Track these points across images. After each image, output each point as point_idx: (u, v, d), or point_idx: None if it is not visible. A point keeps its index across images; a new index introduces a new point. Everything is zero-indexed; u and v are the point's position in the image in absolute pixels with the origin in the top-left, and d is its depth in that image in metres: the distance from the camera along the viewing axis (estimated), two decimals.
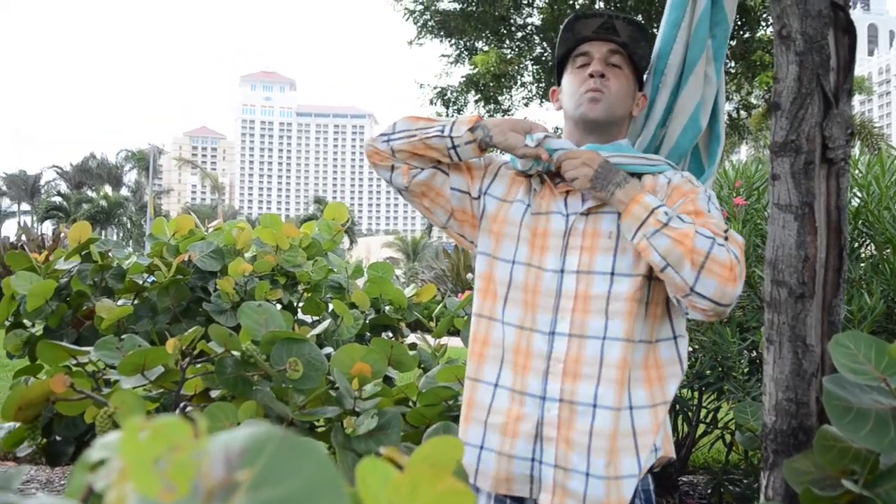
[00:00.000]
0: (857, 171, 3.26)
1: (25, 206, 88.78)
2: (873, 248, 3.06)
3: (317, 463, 0.41)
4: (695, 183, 1.66)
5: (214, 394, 2.17)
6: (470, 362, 1.69)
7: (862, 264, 3.05)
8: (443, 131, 1.66)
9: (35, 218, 68.81)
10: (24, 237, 14.31)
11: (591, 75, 1.67)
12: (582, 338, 1.56)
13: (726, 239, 1.49)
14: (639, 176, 1.66)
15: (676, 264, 1.44)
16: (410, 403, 2.41)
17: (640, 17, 15.42)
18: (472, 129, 1.65)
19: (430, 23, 16.38)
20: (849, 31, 1.62)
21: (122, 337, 2.17)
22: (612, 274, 1.57)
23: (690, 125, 1.76)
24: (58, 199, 66.86)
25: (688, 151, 1.81)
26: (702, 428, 3.83)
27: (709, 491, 3.53)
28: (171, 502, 0.38)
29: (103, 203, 62.75)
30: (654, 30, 1.86)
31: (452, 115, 17.56)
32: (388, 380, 2.84)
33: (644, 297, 1.59)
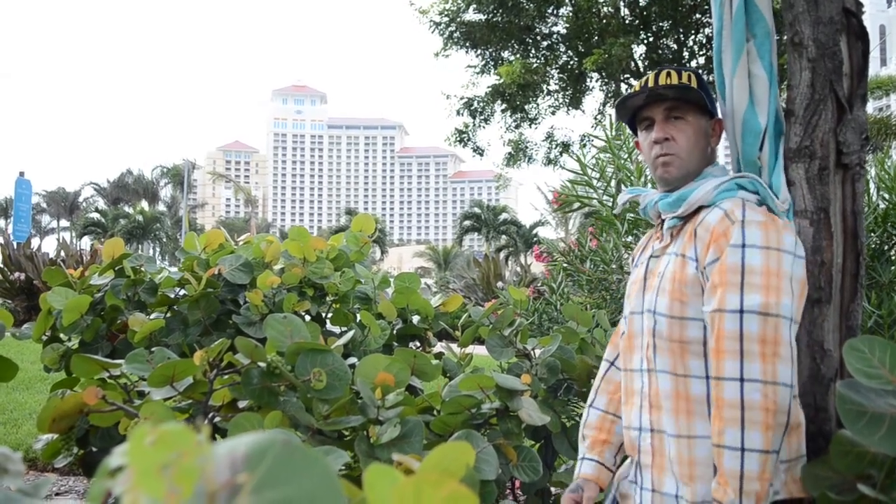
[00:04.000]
0: (884, 174, 3.22)
1: (65, 223, 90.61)
2: None
3: (317, 468, 0.44)
4: (733, 217, 1.53)
5: (242, 404, 2.20)
6: None
7: (892, 267, 3.00)
8: None
9: (74, 234, 70.10)
10: (63, 253, 14.59)
11: (657, 141, 1.69)
12: (652, 372, 1.64)
13: (746, 381, 1.42)
14: (696, 211, 1.64)
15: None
16: (435, 412, 2.43)
17: (665, 24, 15.28)
18: None
19: (455, 34, 16.46)
20: (862, 36, 1.61)
21: (153, 350, 2.22)
22: (653, 313, 1.63)
23: (746, 129, 1.69)
24: (96, 215, 67.91)
25: (755, 158, 1.68)
26: None
27: None
28: None
29: (140, 218, 63.69)
30: (681, 33, 1.83)
31: (480, 125, 17.62)
32: (413, 389, 2.87)
33: (694, 338, 1.57)
